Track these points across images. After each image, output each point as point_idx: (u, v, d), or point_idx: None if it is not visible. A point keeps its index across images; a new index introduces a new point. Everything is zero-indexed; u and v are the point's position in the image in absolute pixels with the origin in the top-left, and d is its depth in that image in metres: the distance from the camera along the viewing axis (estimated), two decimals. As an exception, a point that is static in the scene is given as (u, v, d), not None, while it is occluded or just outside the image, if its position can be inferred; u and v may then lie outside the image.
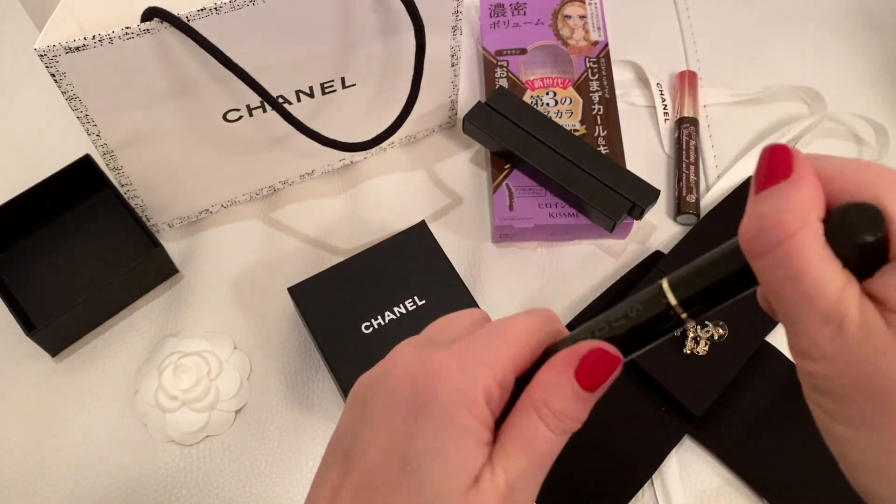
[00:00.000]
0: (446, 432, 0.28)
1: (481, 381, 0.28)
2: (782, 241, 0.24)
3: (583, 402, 0.29)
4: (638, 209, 0.59)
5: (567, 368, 0.28)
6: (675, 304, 0.28)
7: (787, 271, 0.24)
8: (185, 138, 0.55)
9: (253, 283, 0.61)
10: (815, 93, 0.69)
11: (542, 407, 0.28)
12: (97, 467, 0.54)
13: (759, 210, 0.25)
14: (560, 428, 0.28)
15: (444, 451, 0.28)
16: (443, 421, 0.28)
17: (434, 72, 0.61)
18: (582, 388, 0.28)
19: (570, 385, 0.28)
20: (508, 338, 0.29)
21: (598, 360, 0.28)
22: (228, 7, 0.47)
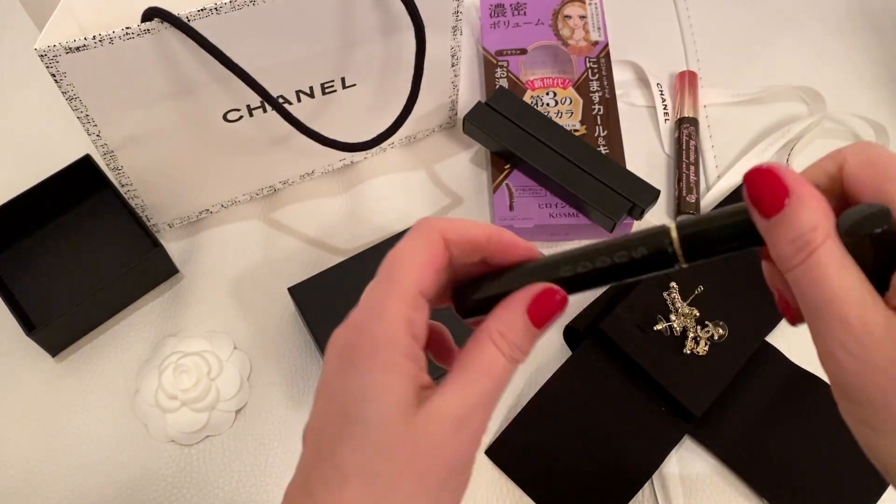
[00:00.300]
0: (372, 376, 0.29)
1: (392, 316, 0.30)
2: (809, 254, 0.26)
3: (531, 336, 0.31)
4: (638, 209, 0.59)
5: (521, 306, 0.31)
6: (676, 244, 0.29)
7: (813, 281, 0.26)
8: (185, 138, 0.55)
9: (253, 283, 0.61)
10: (815, 93, 0.69)
11: (499, 338, 0.30)
12: (97, 467, 0.54)
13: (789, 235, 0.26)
14: (511, 356, 0.30)
15: (377, 392, 0.29)
16: (367, 368, 0.29)
17: (434, 72, 0.61)
18: (532, 324, 0.31)
19: (523, 320, 0.30)
20: (407, 260, 0.31)
21: (547, 300, 0.31)
22: (228, 7, 0.47)
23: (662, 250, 0.29)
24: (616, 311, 0.56)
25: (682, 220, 0.29)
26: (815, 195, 0.26)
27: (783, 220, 0.26)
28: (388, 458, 0.29)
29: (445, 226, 0.32)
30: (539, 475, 0.53)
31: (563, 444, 0.54)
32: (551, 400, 0.55)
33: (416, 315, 0.30)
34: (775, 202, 0.26)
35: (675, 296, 0.56)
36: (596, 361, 0.56)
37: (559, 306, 0.31)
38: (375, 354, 0.29)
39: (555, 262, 0.31)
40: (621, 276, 0.31)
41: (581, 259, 0.31)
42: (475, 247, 0.32)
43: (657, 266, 0.30)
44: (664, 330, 0.55)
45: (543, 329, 0.31)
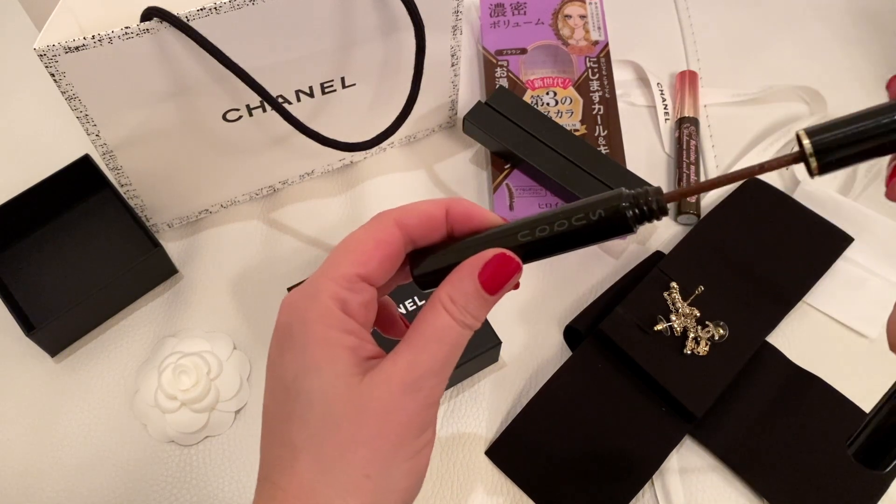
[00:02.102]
0: (309, 351, 0.30)
1: (324, 296, 0.31)
2: None
3: (483, 301, 0.31)
4: (638, 209, 0.59)
5: (472, 271, 0.31)
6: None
7: None
8: (185, 138, 0.55)
9: (253, 283, 0.61)
10: (815, 93, 0.69)
11: (449, 302, 0.31)
12: (97, 467, 0.54)
13: None
14: (462, 320, 0.31)
15: (315, 366, 0.30)
16: (303, 344, 0.30)
17: (434, 72, 0.61)
18: (484, 290, 0.31)
19: (473, 284, 0.31)
20: (349, 247, 0.32)
21: (500, 265, 0.31)
22: (228, 7, 0.47)
23: (620, 213, 0.30)
24: (616, 311, 0.56)
25: (811, 128, 0.29)
26: None
27: None
28: (334, 428, 0.30)
29: (399, 211, 0.33)
30: (539, 475, 0.53)
31: (564, 444, 0.54)
32: (551, 400, 0.55)
33: (351, 295, 0.31)
34: None
35: (676, 296, 0.56)
36: (596, 361, 0.56)
37: (512, 272, 0.31)
38: (308, 331, 0.30)
39: (512, 229, 0.32)
40: (580, 241, 0.31)
41: (539, 223, 0.31)
42: (433, 223, 0.33)
43: (615, 230, 0.30)
44: (664, 330, 0.55)
45: (497, 295, 0.31)
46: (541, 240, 0.31)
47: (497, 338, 0.55)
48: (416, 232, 0.33)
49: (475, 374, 0.57)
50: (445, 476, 0.54)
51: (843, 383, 0.56)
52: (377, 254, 0.32)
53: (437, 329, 0.31)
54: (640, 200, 0.30)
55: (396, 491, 0.31)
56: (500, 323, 0.58)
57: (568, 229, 0.31)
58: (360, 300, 0.32)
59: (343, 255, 0.32)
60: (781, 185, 0.65)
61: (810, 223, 0.61)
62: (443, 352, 0.31)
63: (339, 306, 0.31)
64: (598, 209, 0.30)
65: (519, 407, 0.55)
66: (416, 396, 0.30)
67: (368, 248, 0.32)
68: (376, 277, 0.32)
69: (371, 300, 0.33)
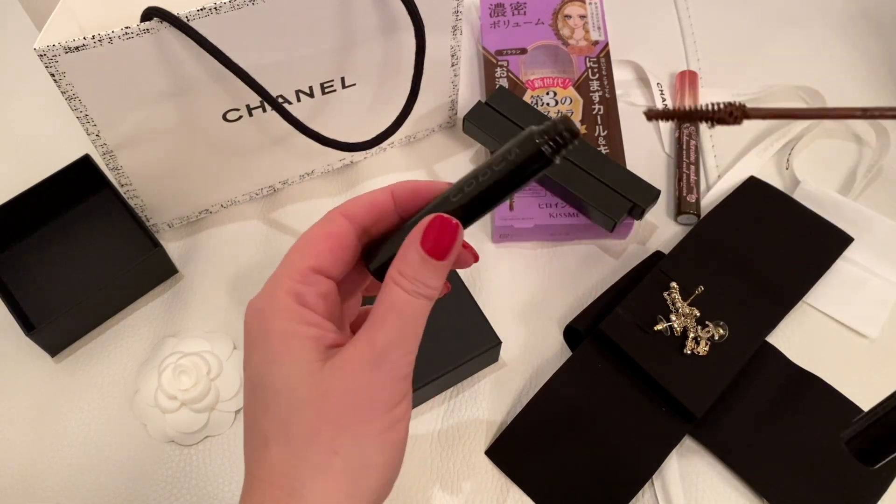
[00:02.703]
0: (270, 346, 0.32)
1: (281, 291, 0.32)
2: None
3: (433, 267, 0.32)
4: (638, 209, 0.59)
5: (414, 241, 0.32)
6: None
7: None
8: (185, 138, 0.55)
9: (253, 283, 0.61)
10: (815, 93, 0.69)
11: (397, 275, 0.32)
12: (97, 467, 0.54)
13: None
14: (415, 291, 0.31)
15: (277, 359, 0.31)
16: (264, 340, 0.32)
17: (434, 72, 0.61)
18: (429, 256, 0.31)
19: (418, 253, 0.31)
20: (300, 244, 0.33)
21: (439, 230, 0.32)
22: (228, 7, 0.47)
23: (535, 148, 0.30)
24: (616, 311, 0.56)
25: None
26: None
27: None
28: (299, 413, 0.31)
29: (346, 204, 0.34)
30: (539, 475, 0.53)
31: (563, 443, 0.54)
32: (551, 400, 0.55)
33: (307, 288, 0.32)
34: None
35: (676, 296, 0.56)
36: (596, 361, 0.56)
37: (452, 233, 0.32)
38: (269, 327, 0.32)
39: (445, 196, 0.33)
40: (509, 186, 0.32)
41: (466, 181, 0.32)
42: (380, 208, 0.34)
43: (537, 165, 0.31)
44: (664, 330, 0.55)
45: (446, 260, 0.32)
46: (473, 196, 0.32)
47: (497, 338, 0.55)
48: (365, 219, 0.34)
49: (475, 374, 0.57)
50: (445, 476, 0.54)
51: (843, 383, 0.56)
52: (326, 245, 0.33)
53: (391, 303, 0.31)
54: (551, 131, 0.30)
55: (371, 466, 0.31)
56: (500, 323, 0.58)
57: (494, 178, 0.31)
58: (317, 292, 0.33)
59: (295, 252, 0.33)
60: (781, 185, 0.65)
61: (810, 223, 0.61)
62: (399, 323, 0.31)
63: (296, 300, 0.32)
64: (514, 150, 0.31)
65: (519, 407, 0.55)
66: (380, 371, 0.31)
67: (318, 241, 0.33)
68: (330, 268, 0.33)
69: (330, 292, 0.34)
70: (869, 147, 0.68)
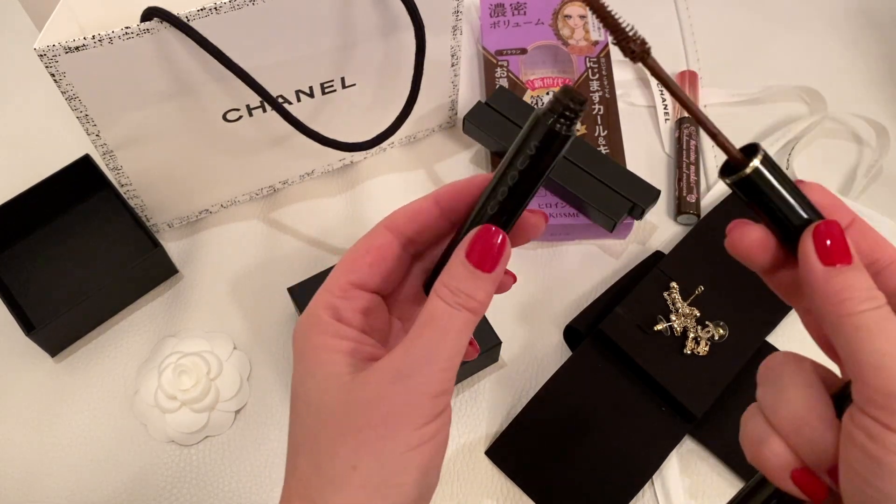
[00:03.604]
0: (306, 360, 0.32)
1: (319, 307, 0.32)
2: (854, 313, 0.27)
3: (478, 279, 0.31)
4: (638, 209, 0.59)
5: (459, 253, 0.31)
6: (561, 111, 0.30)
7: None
8: (185, 138, 0.55)
9: (253, 283, 0.61)
10: (815, 93, 0.69)
11: (440, 287, 0.31)
12: (97, 467, 0.54)
13: (836, 286, 0.28)
14: (458, 303, 0.31)
15: (310, 372, 0.32)
16: (301, 354, 0.32)
17: (434, 72, 0.61)
18: (475, 267, 0.31)
19: (463, 265, 0.31)
20: (344, 259, 0.34)
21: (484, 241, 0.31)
22: (228, 7, 0.47)
23: (551, 132, 0.30)
24: (616, 311, 0.56)
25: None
26: None
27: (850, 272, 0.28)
28: (325, 427, 0.30)
29: (390, 216, 0.34)
30: (539, 475, 0.53)
31: (563, 443, 0.54)
32: (551, 400, 0.55)
33: (344, 303, 0.33)
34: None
35: (676, 296, 0.56)
36: (596, 361, 0.56)
37: (496, 240, 0.31)
38: (306, 343, 0.32)
39: (481, 208, 0.32)
40: (538, 178, 0.31)
41: (498, 188, 0.31)
42: (424, 216, 0.33)
43: (559, 147, 0.30)
44: (664, 330, 0.55)
45: (494, 271, 0.31)
46: (507, 200, 0.31)
47: (497, 338, 0.55)
48: (409, 229, 0.33)
49: (475, 374, 0.57)
50: (445, 476, 0.54)
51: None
52: (367, 259, 0.33)
53: (430, 315, 0.30)
54: (557, 108, 0.29)
55: (393, 486, 0.30)
56: (500, 323, 0.58)
57: (524, 177, 0.31)
58: (355, 306, 0.33)
59: (338, 267, 0.33)
60: (781, 185, 0.65)
61: (810, 223, 0.61)
62: (436, 336, 0.30)
63: (331, 315, 0.32)
64: (532, 142, 0.30)
65: (519, 407, 0.55)
66: (407, 384, 0.30)
67: (359, 255, 0.33)
68: (371, 282, 0.33)
69: (372, 306, 0.33)
70: (869, 147, 0.68)
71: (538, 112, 0.30)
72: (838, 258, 0.28)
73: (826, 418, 0.28)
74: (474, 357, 0.36)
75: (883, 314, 0.27)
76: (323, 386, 0.31)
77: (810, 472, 0.29)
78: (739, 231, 0.31)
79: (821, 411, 0.28)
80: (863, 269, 0.28)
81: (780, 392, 0.29)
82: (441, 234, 0.34)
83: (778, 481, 0.29)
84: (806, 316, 0.32)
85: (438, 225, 0.34)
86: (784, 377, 0.30)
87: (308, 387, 0.31)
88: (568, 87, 0.29)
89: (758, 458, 0.30)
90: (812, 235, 0.28)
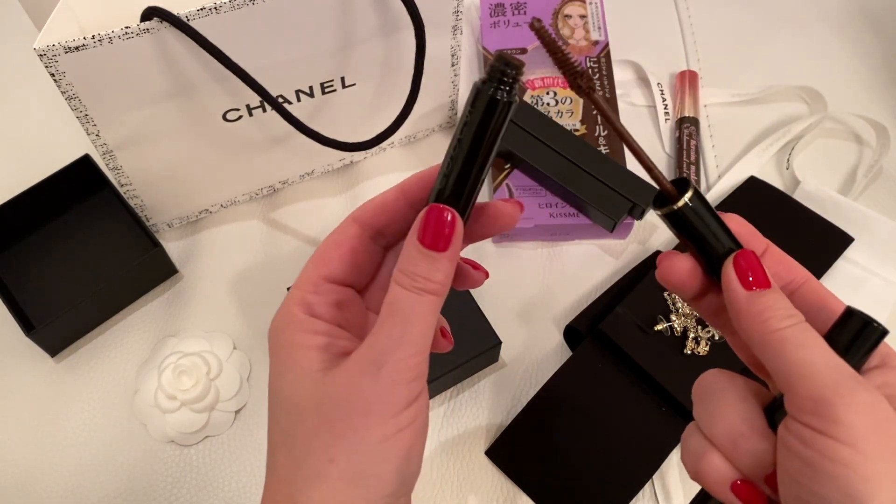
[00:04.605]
0: (279, 357, 0.32)
1: (292, 303, 0.32)
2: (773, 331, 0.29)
3: (432, 259, 0.30)
4: (638, 209, 0.59)
5: (411, 237, 0.31)
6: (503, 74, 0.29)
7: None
8: (185, 138, 0.55)
9: (253, 283, 0.61)
10: (815, 93, 0.69)
11: (398, 274, 0.31)
12: (97, 467, 0.54)
13: (758, 307, 0.30)
14: (415, 286, 0.30)
15: (283, 369, 0.32)
16: (275, 352, 0.32)
17: (434, 71, 0.60)
18: (428, 248, 0.30)
19: (415, 247, 0.31)
20: (314, 255, 0.33)
21: (435, 220, 0.31)
22: (228, 7, 0.47)
23: (492, 100, 0.29)
24: (616, 311, 0.56)
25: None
26: None
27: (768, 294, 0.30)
28: (300, 423, 0.30)
29: (357, 210, 0.34)
30: (539, 475, 0.53)
31: (563, 444, 0.54)
32: (551, 400, 0.55)
33: (316, 297, 0.32)
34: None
35: (676, 296, 0.56)
36: (596, 361, 0.56)
37: (446, 218, 0.30)
38: (278, 340, 0.32)
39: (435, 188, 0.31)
40: (485, 150, 0.30)
41: (444, 167, 0.31)
42: (391, 207, 0.34)
43: (502, 114, 0.29)
44: (665, 330, 0.55)
45: (447, 249, 0.30)
46: (456, 176, 0.31)
47: (497, 338, 0.55)
48: (377, 221, 0.34)
49: (475, 374, 0.57)
50: (445, 476, 0.54)
51: (844, 383, 0.56)
52: (336, 253, 0.33)
53: (391, 303, 0.30)
54: (494, 74, 0.29)
55: (371, 476, 0.30)
56: (500, 323, 0.58)
57: (466, 148, 0.30)
58: (327, 300, 0.33)
59: (309, 263, 0.33)
60: (781, 185, 0.65)
61: (810, 223, 0.61)
62: (399, 322, 0.30)
63: (304, 310, 0.32)
64: (469, 111, 0.29)
65: (519, 407, 0.55)
66: (377, 375, 0.29)
67: (329, 249, 0.33)
68: (344, 276, 0.33)
69: (346, 300, 0.33)
70: (869, 147, 0.68)
71: (476, 81, 0.30)
72: (757, 283, 0.30)
73: (760, 429, 0.30)
74: (448, 350, 0.36)
75: (802, 328, 0.29)
76: (296, 383, 0.31)
77: (749, 483, 0.30)
78: (668, 262, 0.32)
79: (755, 423, 0.30)
80: (779, 291, 0.30)
81: (716, 408, 0.31)
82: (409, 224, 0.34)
83: (718, 494, 0.31)
84: (732, 338, 0.35)
85: (407, 215, 0.34)
86: (717, 393, 0.31)
87: (282, 384, 0.31)
88: (503, 53, 0.29)
89: (698, 472, 0.32)
90: (733, 264, 0.30)
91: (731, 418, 0.30)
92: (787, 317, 0.29)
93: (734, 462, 0.30)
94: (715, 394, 0.31)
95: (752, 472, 0.30)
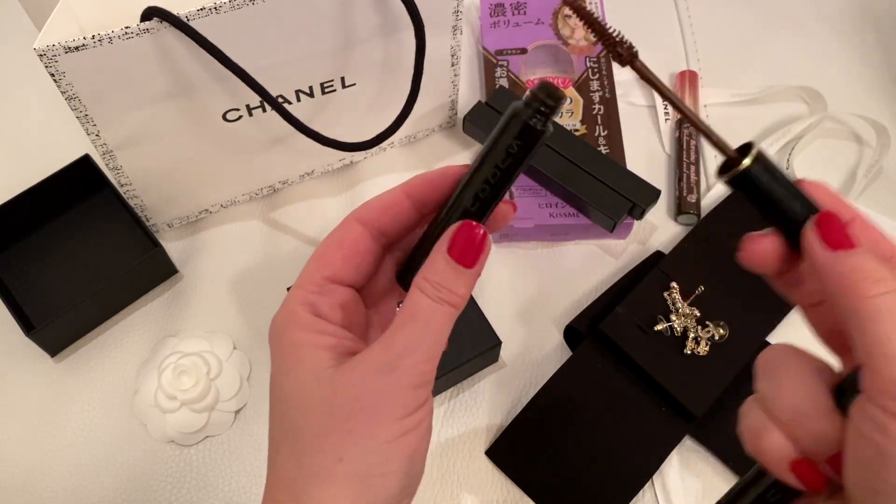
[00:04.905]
0: (284, 357, 0.32)
1: (296, 303, 0.32)
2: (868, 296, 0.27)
3: (460, 274, 0.31)
4: (638, 209, 0.59)
5: (441, 248, 0.31)
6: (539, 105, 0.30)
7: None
8: (185, 138, 0.55)
9: (253, 283, 0.61)
10: (815, 93, 0.69)
11: (422, 281, 0.31)
12: (97, 467, 0.54)
13: (846, 267, 0.27)
14: (440, 298, 0.31)
15: (289, 368, 0.31)
16: (279, 352, 0.32)
17: (434, 71, 0.60)
18: (456, 262, 0.31)
19: (445, 259, 0.31)
20: (315, 254, 0.33)
21: (467, 238, 0.31)
22: (228, 7, 0.47)
23: (531, 130, 0.30)
24: (616, 311, 0.56)
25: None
26: None
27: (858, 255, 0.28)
28: (308, 422, 0.30)
29: (359, 209, 0.34)
30: (539, 475, 0.53)
31: (563, 444, 0.54)
32: (551, 400, 0.55)
33: (321, 298, 0.32)
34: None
35: (676, 296, 0.56)
36: (596, 361, 0.56)
37: (480, 239, 0.31)
38: (282, 339, 0.32)
39: (460, 202, 0.32)
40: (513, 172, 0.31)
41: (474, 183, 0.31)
42: (395, 208, 0.34)
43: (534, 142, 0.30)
44: (664, 330, 0.55)
45: (475, 266, 0.31)
46: (484, 194, 0.31)
47: (497, 338, 0.55)
48: (380, 222, 0.34)
49: (475, 374, 0.57)
50: (445, 476, 0.54)
51: (844, 383, 0.56)
52: (339, 253, 0.33)
53: (413, 309, 0.31)
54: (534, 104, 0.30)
55: (378, 476, 0.30)
56: (500, 323, 0.58)
57: (504, 174, 0.31)
58: (332, 301, 0.33)
59: (311, 263, 0.33)
60: (781, 185, 0.65)
61: (810, 223, 0.61)
62: (418, 330, 0.30)
63: (310, 310, 0.32)
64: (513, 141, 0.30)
65: (519, 407, 0.55)
66: (390, 377, 0.30)
67: (331, 249, 0.33)
68: (346, 276, 0.33)
69: (348, 300, 0.33)
70: (869, 147, 0.68)
71: (516, 106, 0.30)
72: (842, 243, 0.28)
73: (825, 408, 0.28)
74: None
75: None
76: (303, 382, 0.31)
77: (809, 463, 0.29)
78: (750, 241, 0.31)
79: (819, 402, 0.28)
80: (871, 253, 0.28)
81: (779, 383, 0.29)
82: (411, 225, 0.34)
83: (777, 472, 0.29)
84: (811, 311, 0.32)
85: (409, 216, 0.34)
86: (782, 369, 0.30)
87: (287, 384, 0.31)
88: (546, 82, 0.30)
89: (757, 448, 0.30)
90: (815, 224, 0.29)
91: (796, 396, 0.29)
92: (880, 280, 0.26)
93: (794, 440, 0.29)
94: (780, 369, 0.30)
95: (813, 451, 0.28)
